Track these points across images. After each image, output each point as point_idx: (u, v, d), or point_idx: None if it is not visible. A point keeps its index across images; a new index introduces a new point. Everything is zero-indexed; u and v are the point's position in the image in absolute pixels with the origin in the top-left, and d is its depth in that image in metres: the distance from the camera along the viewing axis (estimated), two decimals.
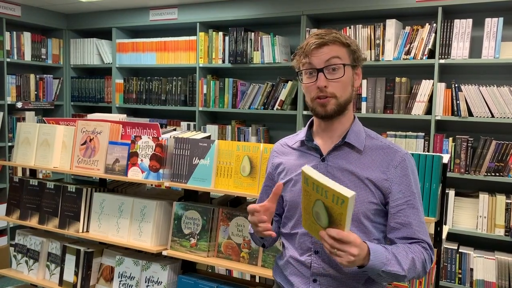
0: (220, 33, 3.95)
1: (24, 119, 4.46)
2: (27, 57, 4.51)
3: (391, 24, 3.28)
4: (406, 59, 3.24)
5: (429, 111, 3.23)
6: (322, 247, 1.34)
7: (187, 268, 2.30)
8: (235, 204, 2.42)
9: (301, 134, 1.49)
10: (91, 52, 4.74)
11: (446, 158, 1.82)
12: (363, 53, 1.42)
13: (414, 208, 1.35)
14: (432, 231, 1.82)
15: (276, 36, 3.68)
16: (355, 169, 1.35)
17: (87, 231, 2.41)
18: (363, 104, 3.35)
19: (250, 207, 1.34)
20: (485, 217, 3.05)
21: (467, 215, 3.15)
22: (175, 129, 2.51)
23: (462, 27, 3.08)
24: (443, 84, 3.16)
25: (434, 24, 3.16)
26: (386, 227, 1.38)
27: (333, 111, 1.36)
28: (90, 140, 2.40)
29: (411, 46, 3.23)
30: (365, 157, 1.37)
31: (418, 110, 3.22)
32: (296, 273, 1.41)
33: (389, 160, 1.36)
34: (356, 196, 1.30)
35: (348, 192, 1.09)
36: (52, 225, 2.49)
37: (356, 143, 1.38)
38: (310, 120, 1.50)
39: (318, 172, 1.17)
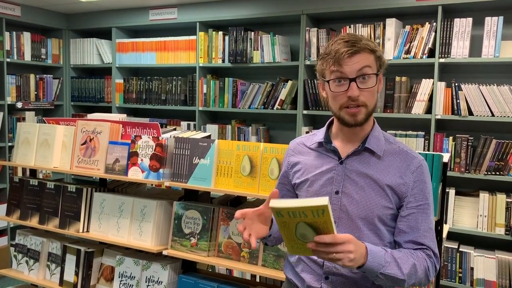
0: (220, 33, 3.95)
1: (24, 119, 4.46)
2: (27, 57, 4.51)
3: (391, 23, 3.27)
4: (406, 58, 3.24)
5: (429, 110, 3.22)
6: None
7: (187, 267, 2.30)
8: (236, 204, 2.42)
9: (319, 135, 1.48)
10: (91, 52, 4.74)
11: (446, 157, 1.82)
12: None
13: (424, 213, 1.35)
14: None
15: (276, 35, 3.68)
16: (374, 174, 1.36)
17: (87, 231, 2.41)
18: None
19: (237, 212, 1.34)
20: (485, 216, 3.05)
21: (468, 214, 3.15)
22: (175, 129, 2.51)
23: (462, 26, 3.08)
24: (443, 83, 3.16)
25: (434, 23, 3.16)
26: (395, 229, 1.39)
27: (363, 120, 1.35)
28: (90, 140, 2.40)
29: (411, 45, 3.23)
30: (383, 162, 1.37)
31: (418, 109, 3.22)
32: (308, 270, 1.41)
33: (406, 165, 1.36)
34: (372, 200, 1.33)
35: (322, 200, 1.09)
36: (52, 225, 2.49)
37: (376, 148, 1.38)
38: (328, 121, 1.49)
39: (284, 200, 1.16)
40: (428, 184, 1.37)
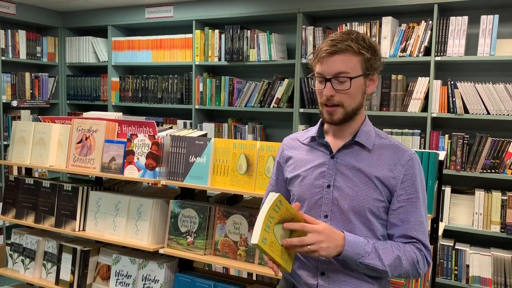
0: (216, 31, 3.94)
1: (19, 117, 4.44)
2: (22, 56, 4.49)
3: (387, 22, 3.28)
4: (402, 56, 3.25)
5: (425, 108, 3.23)
6: None
7: (184, 266, 2.30)
8: (232, 202, 2.42)
9: (312, 130, 1.50)
10: (86, 50, 4.72)
11: (442, 155, 1.82)
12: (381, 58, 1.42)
13: (415, 206, 1.35)
14: (429, 228, 1.82)
15: (272, 33, 3.67)
16: (364, 167, 1.37)
17: (83, 229, 2.40)
18: None
19: None
20: (481, 213, 3.07)
21: (463, 212, 3.16)
22: (171, 127, 2.50)
23: (458, 24, 3.09)
24: (439, 81, 3.17)
25: (430, 22, 3.17)
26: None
27: (339, 120, 1.37)
28: (86, 138, 2.39)
29: (407, 44, 3.23)
30: (373, 156, 1.38)
31: (414, 107, 3.22)
32: (304, 267, 1.42)
33: (397, 159, 1.37)
34: (363, 193, 1.35)
35: (274, 195, 1.27)
36: (48, 224, 2.48)
37: (365, 142, 1.39)
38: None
39: (254, 227, 1.25)
40: (418, 177, 1.38)
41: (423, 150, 2.20)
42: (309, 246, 1.24)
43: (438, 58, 3.14)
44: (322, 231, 1.25)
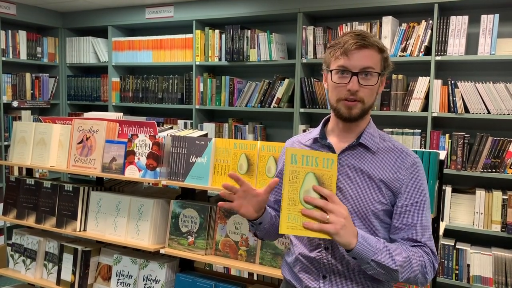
0: (217, 31, 3.95)
1: (20, 118, 4.45)
2: (23, 56, 4.49)
3: (388, 21, 3.28)
4: (402, 56, 3.25)
5: (425, 108, 3.23)
6: (332, 243, 1.35)
7: (185, 266, 2.30)
8: None
9: (314, 132, 1.49)
10: (87, 50, 4.72)
11: (442, 154, 1.82)
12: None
13: (420, 210, 1.34)
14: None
15: (273, 33, 3.67)
16: (368, 169, 1.36)
17: (84, 230, 2.40)
18: None
19: (233, 175, 1.38)
20: (481, 213, 3.07)
21: (464, 212, 3.16)
22: (172, 127, 2.50)
23: (458, 23, 3.09)
24: (439, 81, 3.17)
25: (430, 21, 3.17)
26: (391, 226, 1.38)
27: (357, 115, 1.36)
28: (87, 138, 2.39)
29: (408, 43, 3.23)
30: (377, 158, 1.38)
31: (414, 107, 3.22)
32: (305, 270, 1.41)
33: (400, 162, 1.36)
34: (366, 195, 1.34)
35: (332, 153, 1.28)
36: (49, 224, 2.48)
37: (370, 144, 1.38)
38: (325, 118, 1.50)
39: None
40: (422, 181, 1.37)
41: (423, 149, 2.21)
42: (328, 216, 1.20)
43: (438, 58, 3.14)
44: (347, 211, 1.23)
